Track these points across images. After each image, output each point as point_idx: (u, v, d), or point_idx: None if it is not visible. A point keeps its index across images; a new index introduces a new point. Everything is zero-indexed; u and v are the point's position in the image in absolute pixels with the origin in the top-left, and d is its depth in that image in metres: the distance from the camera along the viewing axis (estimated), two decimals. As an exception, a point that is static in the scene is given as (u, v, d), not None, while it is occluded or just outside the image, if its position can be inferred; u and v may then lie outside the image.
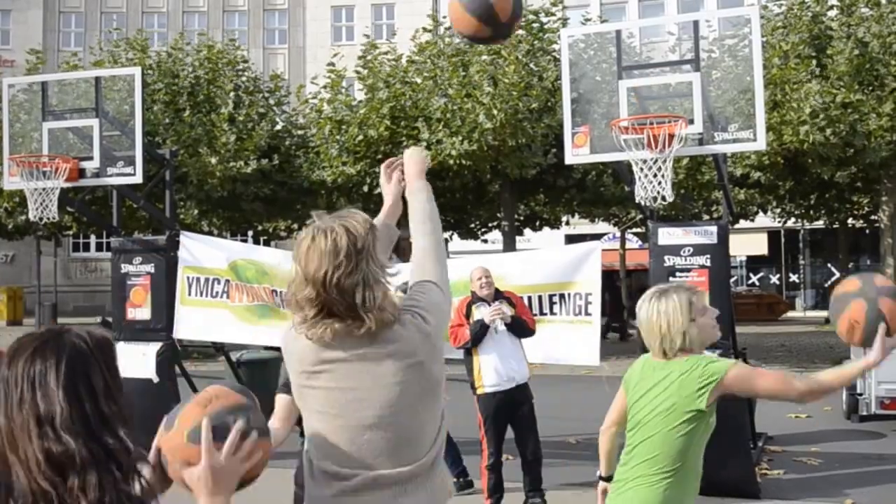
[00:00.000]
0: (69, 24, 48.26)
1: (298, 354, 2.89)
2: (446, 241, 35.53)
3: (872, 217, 27.70)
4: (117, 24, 42.39)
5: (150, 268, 11.69)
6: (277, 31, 48.76)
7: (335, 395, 2.83)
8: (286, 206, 25.45)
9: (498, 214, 25.50)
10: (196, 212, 24.72)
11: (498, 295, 8.46)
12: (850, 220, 30.13)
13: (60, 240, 36.47)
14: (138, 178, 10.85)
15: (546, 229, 31.47)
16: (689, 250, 9.75)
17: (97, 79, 11.34)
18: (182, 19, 47.04)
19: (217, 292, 12.03)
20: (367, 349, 2.81)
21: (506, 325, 8.17)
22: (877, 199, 22.32)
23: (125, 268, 11.74)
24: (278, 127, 25.70)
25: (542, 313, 10.35)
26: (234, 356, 13.79)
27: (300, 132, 25.66)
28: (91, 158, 10.95)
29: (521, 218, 29.56)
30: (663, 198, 9.17)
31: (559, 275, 10.40)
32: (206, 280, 12.00)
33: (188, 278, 12.12)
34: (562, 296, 10.31)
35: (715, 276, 9.70)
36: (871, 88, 18.28)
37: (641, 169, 9.18)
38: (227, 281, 11.92)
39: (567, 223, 31.83)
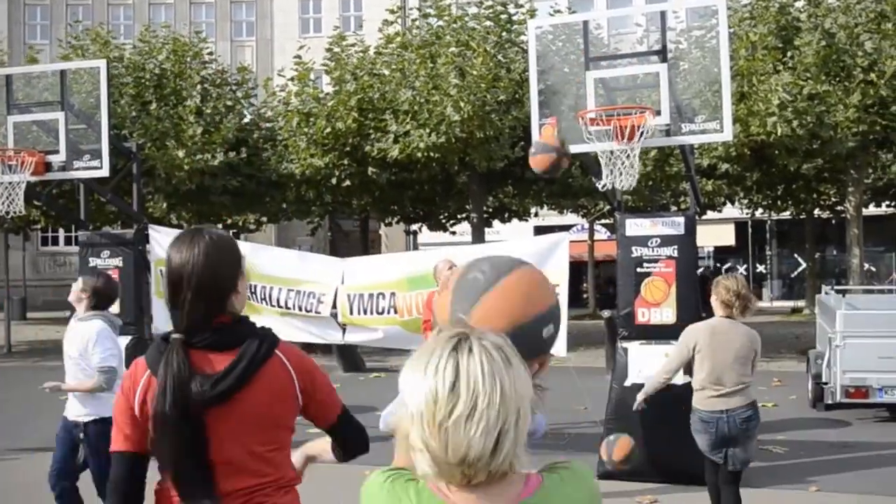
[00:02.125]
0: (34, 16, 47.78)
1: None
2: (415, 233, 35.59)
3: (839, 208, 27.91)
4: (83, 16, 42.04)
5: (118, 262, 11.65)
6: (245, 23, 48.47)
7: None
8: (255, 198, 25.34)
9: (467, 206, 25.51)
10: (164, 205, 24.59)
11: None
12: (816, 211, 30.33)
13: (29, 234, 36.18)
14: (104, 172, 10.78)
15: (515, 221, 31.56)
16: (656, 241, 9.81)
17: (62, 72, 11.26)
18: (148, 11, 46.67)
19: (188, 286, 12.02)
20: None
21: None
22: (843, 190, 22.48)
23: (93, 262, 11.70)
24: (246, 120, 25.58)
25: (510, 304, 10.39)
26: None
27: (268, 125, 25.55)
28: (57, 152, 10.88)
29: (491, 209, 29.62)
30: (630, 185, 9.22)
31: (528, 266, 10.42)
32: None
33: (161, 271, 12.14)
34: (530, 286, 10.33)
35: (682, 267, 9.76)
36: (837, 80, 18.36)
37: (609, 159, 9.21)
38: (197, 274, 11.92)
39: (536, 215, 31.90)
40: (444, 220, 30.22)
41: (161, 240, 12.19)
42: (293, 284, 11.46)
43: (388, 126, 20.76)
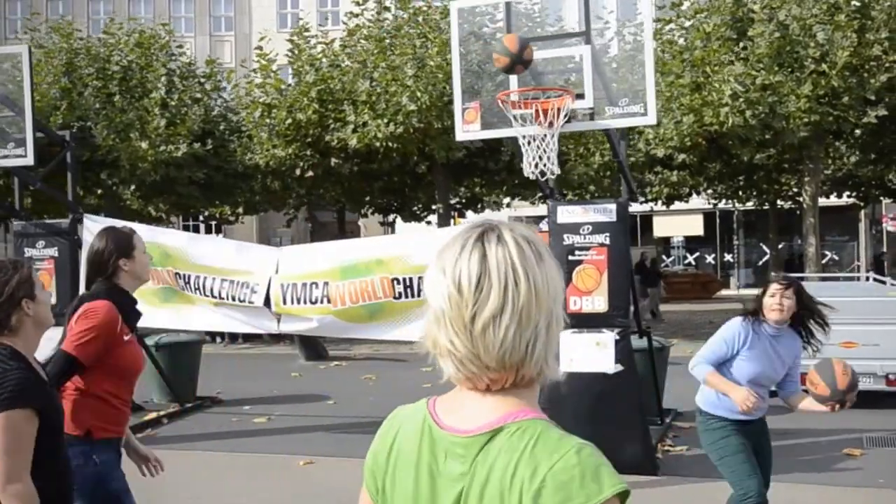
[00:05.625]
0: (15, 11, 47.49)
1: None
2: (391, 224, 35.44)
3: (799, 198, 27.96)
4: (63, 11, 41.86)
5: (53, 251, 11.60)
6: (223, 17, 48.37)
7: None
8: (223, 189, 25.24)
9: (436, 197, 25.49)
10: (137, 195, 24.52)
11: None
12: (778, 201, 30.43)
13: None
14: (30, 160, 10.69)
15: (487, 212, 31.52)
16: (588, 228, 9.78)
17: (-9, 60, 11.17)
18: (128, 6, 46.47)
19: (122, 275, 11.96)
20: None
21: None
22: (801, 180, 22.45)
23: (28, 252, 11.65)
24: (215, 112, 25.45)
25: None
26: (152, 340, 13.78)
27: (236, 116, 25.47)
28: (-16, 140, 10.81)
29: (463, 200, 29.64)
30: (552, 172, 9.13)
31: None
32: None
33: None
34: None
35: (614, 255, 9.72)
36: (790, 70, 18.32)
37: (530, 143, 9.12)
38: (132, 263, 11.85)
39: (508, 205, 31.87)
40: (417, 211, 30.21)
41: (94, 229, 12.09)
42: (227, 274, 11.39)
43: (347, 116, 20.64)
